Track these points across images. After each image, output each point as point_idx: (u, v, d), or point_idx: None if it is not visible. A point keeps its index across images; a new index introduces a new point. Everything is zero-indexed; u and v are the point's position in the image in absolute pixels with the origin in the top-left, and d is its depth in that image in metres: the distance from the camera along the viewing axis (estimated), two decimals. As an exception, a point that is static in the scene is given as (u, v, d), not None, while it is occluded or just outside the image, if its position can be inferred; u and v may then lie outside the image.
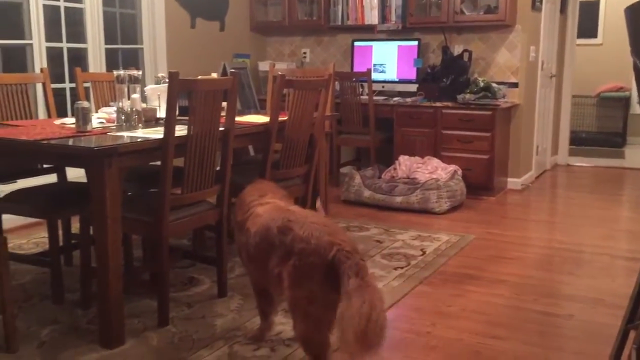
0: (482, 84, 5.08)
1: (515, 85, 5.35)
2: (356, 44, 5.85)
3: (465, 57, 5.29)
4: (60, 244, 3.11)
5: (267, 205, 2.25)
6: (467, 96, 5.01)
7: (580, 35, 7.09)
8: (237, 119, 3.02)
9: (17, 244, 3.73)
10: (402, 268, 3.35)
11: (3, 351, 2.35)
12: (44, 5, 4.34)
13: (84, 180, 3.23)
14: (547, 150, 6.51)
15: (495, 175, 5.06)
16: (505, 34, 5.35)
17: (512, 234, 4.11)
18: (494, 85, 5.13)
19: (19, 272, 3.22)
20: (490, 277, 3.26)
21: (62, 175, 3.38)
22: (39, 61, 4.32)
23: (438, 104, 5.11)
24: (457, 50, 5.44)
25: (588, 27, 8.31)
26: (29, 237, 3.90)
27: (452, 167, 4.87)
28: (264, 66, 6.08)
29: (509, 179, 5.48)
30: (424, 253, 3.62)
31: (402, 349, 2.44)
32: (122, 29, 5.11)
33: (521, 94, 5.37)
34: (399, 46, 5.64)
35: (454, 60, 5.26)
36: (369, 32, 5.82)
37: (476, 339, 2.53)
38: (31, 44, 4.29)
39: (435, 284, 3.14)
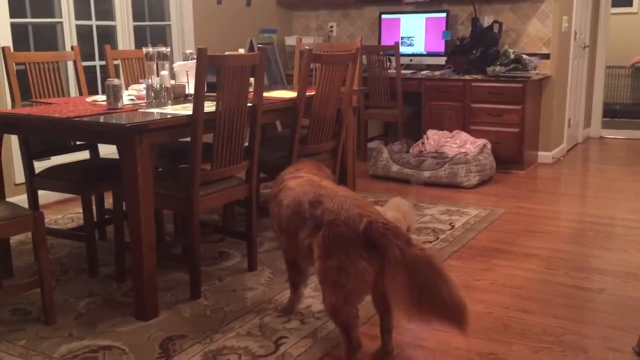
0: (512, 56, 4.99)
1: (547, 56, 5.24)
2: (383, 16, 5.78)
3: (495, 28, 5.18)
4: (95, 219, 3.18)
5: (300, 179, 2.28)
6: (497, 68, 4.93)
7: (615, 3, 6.87)
8: (265, 94, 3.03)
9: (53, 219, 3.82)
10: (430, 242, 3.35)
11: (42, 323, 2.44)
12: (73, -16, 4.38)
13: (116, 156, 3.30)
14: (580, 122, 6.38)
15: (525, 148, 4.99)
16: (537, 3, 5.22)
17: (542, 207, 4.06)
18: (524, 56, 5.03)
19: (55, 247, 3.31)
20: (520, 252, 3.24)
21: (94, 152, 3.44)
22: (69, 39, 4.37)
23: (467, 77, 5.04)
24: (486, 21, 5.33)
25: (623, -5, 8.05)
26: (63, 212, 3.99)
27: (481, 141, 4.82)
28: (290, 41, 6.06)
29: (540, 153, 5.40)
30: (452, 227, 3.61)
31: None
32: (150, 6, 5.13)
33: (553, 66, 5.25)
34: (426, 18, 5.56)
35: (483, 32, 5.16)
36: (396, 5, 5.74)
37: (506, 312, 2.53)
38: (61, 22, 4.34)
39: (464, 258, 3.14)
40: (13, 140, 3.90)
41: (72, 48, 3.54)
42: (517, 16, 5.32)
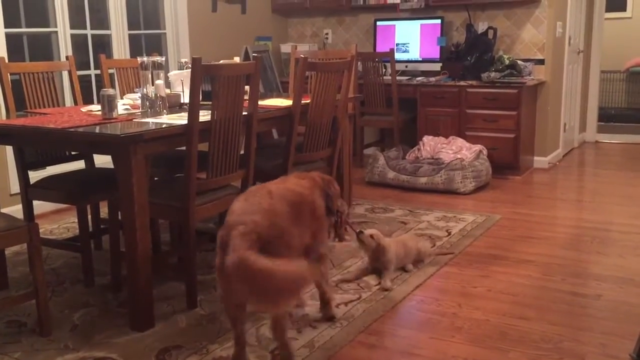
0: (507, 62, 5.00)
1: (541, 62, 5.26)
2: (378, 23, 5.79)
3: (490, 34, 5.20)
4: (90, 229, 3.17)
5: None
6: (492, 74, 4.94)
7: (609, 8, 6.91)
8: (260, 102, 3.03)
9: (48, 229, 3.81)
10: (427, 249, 3.34)
11: (37, 334, 2.42)
12: (68, -7, 4.38)
13: (111, 166, 3.29)
14: (575, 127, 6.40)
15: (521, 154, 5.00)
16: (531, 9, 5.24)
17: (539, 213, 4.07)
18: (519, 62, 5.05)
19: (50, 257, 3.30)
20: (517, 258, 3.24)
21: (89, 162, 3.43)
22: (64, 48, 4.37)
23: (462, 83, 5.05)
24: (481, 27, 5.35)
25: (617, 0, 8.09)
26: (59, 222, 3.98)
27: (477, 147, 4.83)
28: (285, 48, 6.07)
29: (536, 158, 5.41)
30: (449, 234, 3.60)
31: (428, 330, 2.45)
32: (145, 15, 5.14)
33: (548, 71, 5.27)
34: (421, 25, 5.57)
35: (478, 38, 5.18)
36: (391, 11, 5.76)
37: (503, 319, 2.53)
38: (56, 32, 4.34)
39: (461, 265, 3.14)
40: (7, 151, 3.89)
41: (67, 58, 3.53)
42: (512, 22, 5.34)
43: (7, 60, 3.25)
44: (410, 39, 5.63)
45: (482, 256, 3.26)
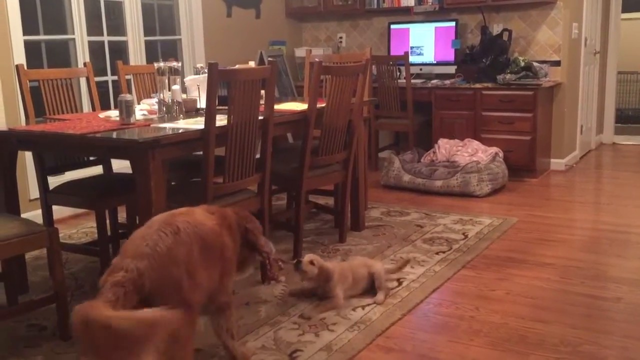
0: (522, 64, 4.97)
1: (557, 63, 5.22)
2: (393, 26, 5.79)
3: (505, 36, 5.18)
4: (109, 233, 3.19)
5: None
6: (508, 76, 4.92)
7: (625, 9, 6.84)
8: (276, 106, 3.04)
9: (67, 234, 3.85)
10: (444, 252, 3.33)
11: (57, 338, 2.45)
12: (85, 0, 4.42)
13: (129, 170, 3.32)
14: (592, 129, 6.35)
15: (537, 156, 4.96)
16: (547, 10, 5.21)
17: (556, 216, 4.03)
18: (535, 64, 5.02)
19: (70, 261, 3.33)
20: (535, 261, 3.21)
21: (107, 167, 3.46)
22: (82, 55, 4.42)
23: (477, 85, 5.03)
24: (496, 29, 5.33)
25: (633, 0, 8.01)
26: (77, 227, 4.02)
27: (492, 149, 4.80)
28: (300, 52, 6.09)
29: (552, 160, 5.37)
30: (466, 237, 3.59)
31: (446, 333, 2.44)
32: (160, 21, 5.18)
33: (564, 72, 5.23)
34: (436, 28, 5.56)
35: (493, 40, 5.15)
36: (405, 15, 5.75)
37: (521, 323, 2.51)
38: (74, 39, 4.40)
39: (478, 268, 3.12)
40: (27, 157, 3.94)
41: (85, 64, 3.57)
42: (527, 24, 5.31)
43: (26, 67, 3.30)
44: (425, 42, 5.62)
45: (500, 259, 3.24)
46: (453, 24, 5.47)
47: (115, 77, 4.48)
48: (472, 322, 2.52)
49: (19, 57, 3.95)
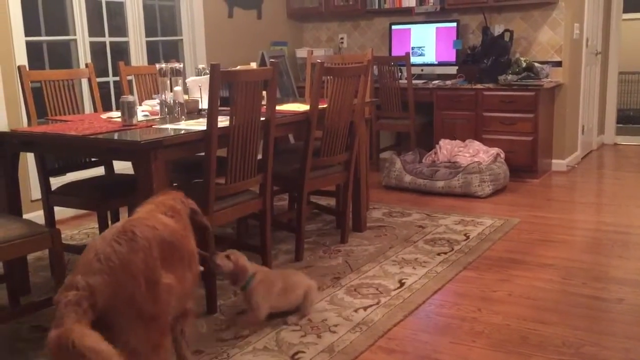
0: (524, 64, 4.97)
1: (559, 64, 5.22)
2: (394, 27, 5.79)
3: (506, 37, 5.17)
4: (110, 234, 3.19)
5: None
6: (509, 77, 4.92)
7: (627, 9, 6.84)
8: (277, 107, 3.04)
9: (69, 234, 3.85)
10: (445, 253, 3.33)
11: (60, 339, 2.44)
12: (86, 1, 4.43)
13: (130, 171, 3.32)
14: (593, 129, 6.34)
15: (539, 157, 4.96)
16: (548, 11, 5.21)
17: (558, 216, 4.03)
18: (536, 64, 5.01)
19: (71, 263, 3.32)
20: (536, 262, 3.21)
21: (109, 168, 3.46)
22: (83, 56, 4.42)
23: (479, 86, 5.03)
24: (497, 30, 5.32)
25: (634, 0, 8.01)
26: (79, 228, 4.02)
27: (494, 150, 4.80)
28: (301, 53, 6.09)
29: (554, 161, 5.37)
30: (467, 238, 3.59)
31: (448, 334, 2.44)
32: (162, 21, 5.18)
33: (565, 73, 5.23)
34: (437, 28, 5.56)
35: (494, 41, 5.15)
36: (406, 15, 5.75)
37: (523, 324, 2.51)
38: (75, 40, 4.40)
39: (480, 269, 3.12)
40: (28, 158, 3.94)
41: (87, 65, 3.57)
42: (528, 24, 5.31)
43: (27, 68, 3.30)
44: (426, 43, 5.62)
45: (501, 260, 3.24)
46: (454, 24, 5.47)
47: (117, 78, 4.49)
48: (474, 324, 2.52)
49: (21, 58, 3.95)
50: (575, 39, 5.31)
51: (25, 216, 2.92)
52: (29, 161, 3.95)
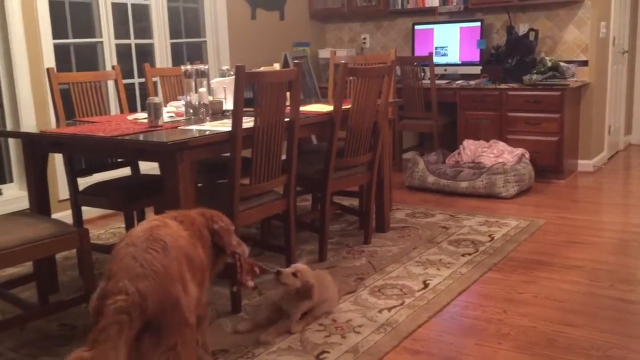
0: (549, 64, 4.92)
1: (585, 63, 5.15)
2: (417, 27, 5.77)
3: (531, 36, 5.12)
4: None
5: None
6: (534, 77, 4.87)
7: (655, 7, 6.71)
8: (301, 108, 3.05)
9: (95, 234, 3.91)
10: (470, 254, 3.31)
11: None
12: (112, 4, 4.49)
13: (155, 172, 3.36)
14: (620, 129, 6.24)
15: (564, 157, 4.90)
16: (574, 10, 5.15)
17: (584, 218, 3.98)
18: (562, 64, 4.95)
19: (98, 262, 3.38)
20: (563, 263, 3.17)
21: (135, 168, 3.51)
22: (109, 58, 4.48)
23: (503, 86, 4.98)
24: (522, 29, 5.27)
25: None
26: (105, 227, 4.08)
27: (519, 150, 4.76)
28: (323, 54, 6.10)
29: (580, 161, 5.30)
30: (492, 239, 3.56)
31: (473, 336, 2.42)
32: (186, 23, 5.23)
33: (591, 72, 5.16)
34: (460, 28, 5.53)
35: (519, 40, 5.10)
36: (429, 15, 5.73)
37: (550, 326, 2.48)
38: (102, 42, 4.46)
39: (505, 271, 3.09)
40: (55, 159, 4.01)
41: (113, 67, 3.62)
42: (554, 23, 5.25)
43: (55, 71, 3.35)
44: (450, 42, 5.59)
45: (527, 261, 3.21)
46: (478, 24, 5.43)
47: (142, 80, 4.55)
48: (500, 325, 2.50)
49: (49, 60, 4.02)
50: (601, 38, 5.24)
51: (53, 216, 2.97)
52: (55, 162, 4.01)
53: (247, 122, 2.63)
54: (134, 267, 1.64)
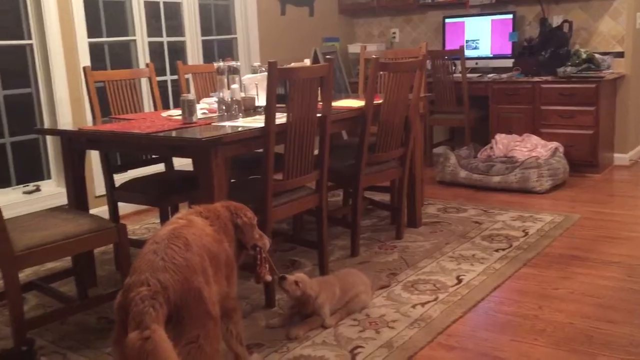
0: (584, 56, 4.83)
1: (621, 54, 5.04)
2: (447, 20, 5.71)
3: (565, 27, 5.03)
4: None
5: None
6: (569, 69, 4.78)
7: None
8: (332, 104, 3.05)
9: (130, 229, 3.97)
10: (503, 250, 3.28)
11: (126, 330, 2.53)
12: (145, 2, 4.55)
13: (188, 168, 3.40)
14: (657, 122, 6.09)
15: (600, 151, 4.81)
16: (609, 0, 5.03)
17: (621, 212, 3.90)
18: (597, 56, 4.86)
19: (134, 256, 3.43)
20: (599, 259, 3.12)
21: (169, 165, 3.56)
22: (142, 56, 4.55)
23: (536, 79, 4.91)
24: (555, 21, 5.18)
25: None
26: (140, 223, 4.14)
27: (552, 144, 4.68)
28: (353, 49, 6.08)
29: (616, 155, 5.19)
30: (526, 234, 3.52)
31: (508, 332, 2.40)
32: (217, 20, 5.27)
33: (628, 64, 5.04)
34: (492, 20, 5.46)
35: (552, 32, 5.02)
36: (460, 8, 5.66)
37: (587, 322, 2.44)
38: (135, 40, 4.53)
39: (540, 266, 3.05)
40: (91, 156, 4.09)
41: (147, 65, 3.68)
42: (588, 14, 5.15)
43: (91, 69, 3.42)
44: (481, 35, 5.53)
45: (563, 257, 3.16)
46: (510, 16, 5.35)
47: (174, 77, 4.60)
48: (536, 321, 2.47)
49: (84, 59, 4.10)
50: (638, 29, 5.11)
51: (90, 212, 3.03)
52: (92, 159, 4.09)
53: (280, 118, 2.65)
54: (155, 261, 1.67)
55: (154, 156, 3.52)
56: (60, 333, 2.55)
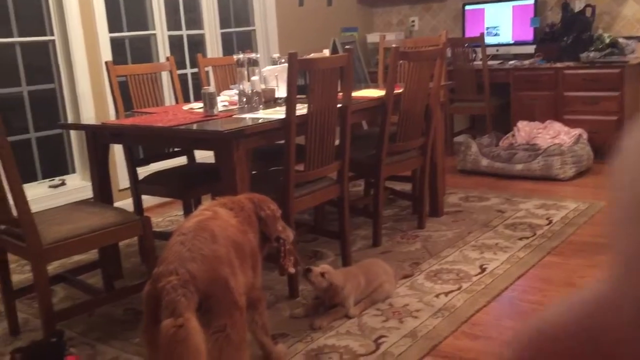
0: (607, 40, 4.75)
1: (645, 38, 4.95)
2: (467, 7, 5.65)
3: (588, 12, 4.95)
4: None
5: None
6: (592, 54, 4.71)
7: None
8: (352, 94, 3.04)
9: (154, 222, 3.98)
10: (527, 238, 3.25)
11: (152, 321, 2.57)
12: (164, -4, 4.58)
13: (210, 161, 3.42)
14: (684, 106, 5.97)
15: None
16: (633, -17, 4.94)
17: (647, 199, 3.84)
18: (621, 40, 4.77)
19: (158, 248, 3.45)
20: (625, 246, 3.08)
21: (190, 158, 3.58)
22: (162, 49, 4.58)
23: (559, 65, 4.84)
24: (578, 5, 5.09)
25: None
26: (163, 215, 4.19)
27: (576, 131, 4.62)
28: (372, 38, 6.05)
29: (641, 141, 5.10)
30: (550, 222, 3.48)
31: (534, 321, 2.38)
32: (235, 13, 5.28)
33: (653, 48, 4.95)
34: (513, 6, 5.39)
35: (575, 17, 4.94)
36: (480, -6, 5.60)
37: (614, 311, 2.41)
38: (155, 34, 4.56)
39: (565, 255, 3.03)
40: (114, 149, 4.13)
41: (168, 59, 3.70)
42: (612, -2, 5.06)
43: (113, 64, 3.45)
44: (501, 22, 5.46)
45: (588, 245, 3.13)
46: (532, 1, 5.28)
47: (194, 70, 4.63)
48: (561, 310, 2.45)
49: (106, 53, 4.13)
50: (663, 11, 5.01)
51: (114, 205, 3.07)
52: (115, 152, 4.14)
53: (300, 109, 2.65)
54: (183, 252, 1.70)
55: (176, 149, 3.56)
56: (88, 324, 2.60)
